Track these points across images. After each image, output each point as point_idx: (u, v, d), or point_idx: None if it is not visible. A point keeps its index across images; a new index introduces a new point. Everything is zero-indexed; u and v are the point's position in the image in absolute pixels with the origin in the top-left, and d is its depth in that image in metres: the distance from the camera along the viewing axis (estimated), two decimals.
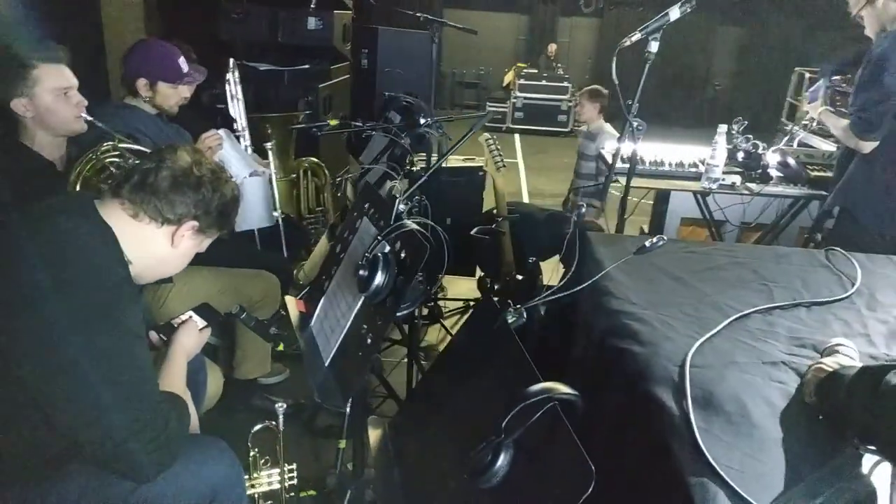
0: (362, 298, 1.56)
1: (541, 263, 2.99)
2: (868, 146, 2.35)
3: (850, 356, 1.12)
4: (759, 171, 3.09)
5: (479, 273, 3.71)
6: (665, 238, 1.26)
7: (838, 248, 1.75)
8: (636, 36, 2.07)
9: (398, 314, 1.50)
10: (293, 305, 1.89)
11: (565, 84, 11.55)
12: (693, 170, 3.12)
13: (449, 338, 3.39)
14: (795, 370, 1.13)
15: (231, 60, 2.88)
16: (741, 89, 13.42)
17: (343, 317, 1.63)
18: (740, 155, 3.23)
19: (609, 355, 1.23)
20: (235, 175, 2.19)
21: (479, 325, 1.34)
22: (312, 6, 3.62)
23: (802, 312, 1.40)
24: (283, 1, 3.89)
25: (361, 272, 1.49)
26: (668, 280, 1.51)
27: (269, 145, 2.96)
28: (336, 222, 3.36)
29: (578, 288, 1.28)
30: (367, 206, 1.77)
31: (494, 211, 3.15)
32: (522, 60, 12.83)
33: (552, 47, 12.19)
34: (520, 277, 3.10)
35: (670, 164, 3.17)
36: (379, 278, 1.47)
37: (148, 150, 2.15)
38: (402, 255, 1.52)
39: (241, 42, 3.87)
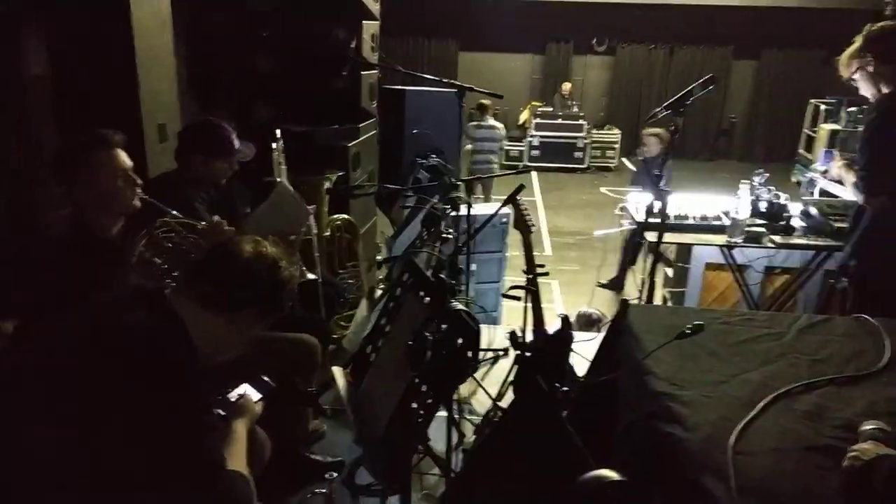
0: (411, 375, 1.65)
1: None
2: (873, 204, 2.43)
3: (884, 439, 1.18)
4: (783, 222, 3.17)
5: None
6: (703, 323, 1.34)
7: (865, 315, 1.82)
8: (658, 110, 2.18)
9: (446, 393, 1.58)
10: (340, 375, 1.99)
11: (580, 122, 11.75)
12: (717, 223, 3.21)
13: (479, 390, 3.45)
14: (833, 455, 1.19)
15: (277, 132, 3.04)
16: (757, 122, 13.52)
17: (392, 392, 1.71)
18: (763, 205, 3.32)
19: (656, 439, 1.30)
20: None
21: (526, 407, 1.43)
22: (344, 73, 3.79)
23: (838, 388, 1.46)
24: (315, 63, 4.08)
25: (412, 351, 1.58)
26: (706, 356, 1.59)
27: (311, 208, 3.09)
28: (373, 285, 3.47)
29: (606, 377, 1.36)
30: (411, 281, 1.87)
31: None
32: (537, 99, 13.06)
33: (566, 86, 12.42)
34: (550, 332, 3.16)
35: (694, 218, 3.26)
36: (429, 357, 1.56)
37: (201, 224, 2.29)
38: (450, 334, 1.61)
39: (273, 106, 4.05)
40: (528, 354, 3.16)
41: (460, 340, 1.52)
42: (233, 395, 1.82)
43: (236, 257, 1.52)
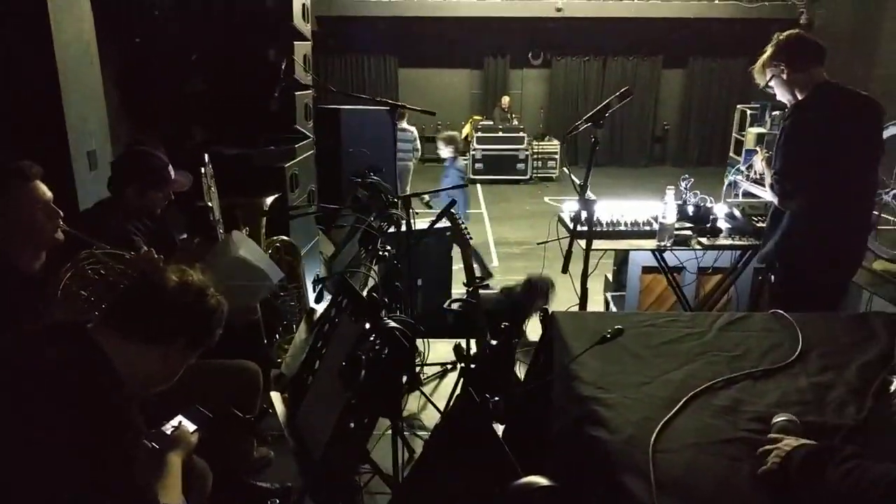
0: (347, 396, 1.65)
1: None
2: (789, 206, 2.56)
3: (794, 432, 1.25)
4: (709, 224, 3.31)
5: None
6: (622, 328, 1.40)
7: (781, 311, 1.92)
8: (582, 126, 2.26)
9: (390, 410, 1.59)
10: (278, 400, 1.97)
11: (521, 134, 11.96)
12: (648, 228, 3.32)
13: (429, 405, 3.46)
14: (749, 446, 1.25)
15: (206, 156, 3.00)
16: (689, 128, 14.04)
17: (329, 414, 1.71)
18: (690, 209, 3.45)
19: (583, 443, 1.34)
20: None
21: (460, 419, 1.45)
22: (276, 94, 3.78)
23: (752, 383, 1.53)
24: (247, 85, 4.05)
25: (345, 372, 1.58)
26: (631, 359, 1.64)
27: (244, 231, 3.05)
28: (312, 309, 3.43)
29: (536, 383, 1.39)
30: (344, 302, 1.88)
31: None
32: (478, 113, 13.25)
33: (505, 100, 12.64)
34: (494, 342, 3.20)
35: (626, 224, 3.36)
36: (363, 377, 1.56)
37: (127, 255, 2.23)
38: (385, 353, 1.62)
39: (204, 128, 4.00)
40: (472, 366, 3.19)
41: (395, 358, 1.53)
42: (168, 427, 1.78)
43: (160, 287, 1.50)
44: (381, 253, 2.58)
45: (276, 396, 1.94)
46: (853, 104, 2.59)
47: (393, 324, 1.62)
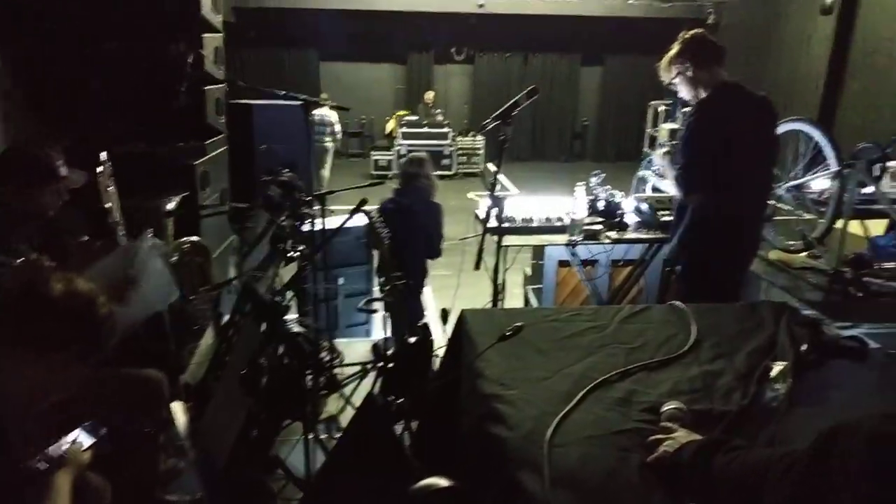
0: (250, 402, 1.60)
1: None
2: (692, 200, 2.68)
3: (682, 420, 1.31)
4: (618, 219, 3.41)
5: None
6: (522, 324, 1.41)
7: (678, 302, 2.00)
8: (491, 125, 2.28)
9: (288, 416, 1.55)
10: (180, 410, 1.89)
11: (445, 129, 12.00)
12: (560, 223, 3.39)
13: (349, 408, 3.42)
14: (640, 437, 1.30)
15: (103, 154, 2.83)
16: (606, 124, 14.49)
17: (232, 421, 1.66)
18: (601, 205, 3.55)
19: (484, 441, 1.35)
20: None
21: (364, 424, 1.43)
22: (182, 89, 3.62)
23: (648, 373, 1.59)
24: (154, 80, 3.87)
25: (246, 379, 1.54)
26: (534, 354, 1.67)
27: (149, 234, 2.91)
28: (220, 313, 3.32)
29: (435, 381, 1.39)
30: (249, 307, 1.82)
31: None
32: (402, 108, 13.20)
33: (429, 95, 12.64)
34: (412, 340, 3.20)
35: (539, 220, 3.42)
36: (265, 383, 1.52)
37: (17, 261, 2.09)
38: (287, 358, 1.58)
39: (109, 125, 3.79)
40: (390, 365, 3.18)
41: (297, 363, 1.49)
42: (63, 444, 1.68)
43: (45, 296, 1.41)
44: (290, 254, 2.52)
45: (177, 406, 1.86)
46: (751, 103, 2.73)
47: (295, 328, 1.58)
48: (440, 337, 2.71)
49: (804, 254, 3.33)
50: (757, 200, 2.84)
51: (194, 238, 3.59)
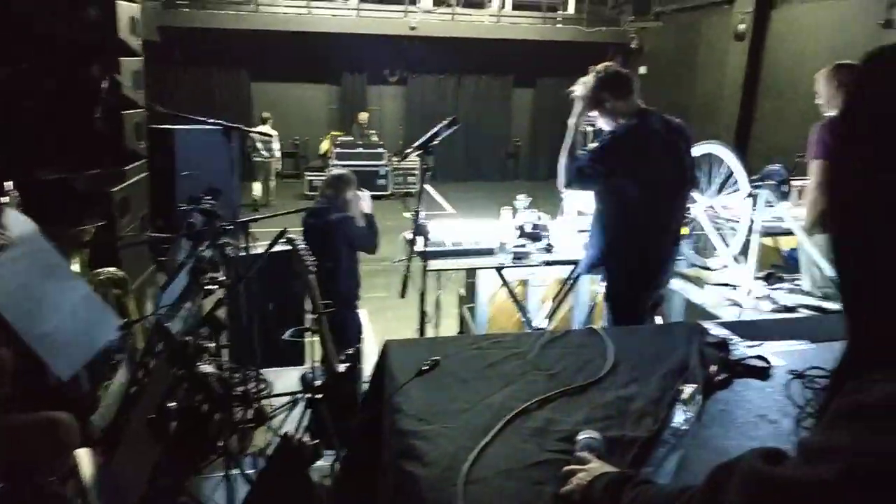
0: (162, 448, 1.53)
1: None
2: (561, 190, 2.83)
3: (596, 449, 1.33)
4: (545, 240, 3.49)
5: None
6: (439, 358, 1.41)
7: (596, 326, 2.04)
8: (410, 150, 2.29)
9: (202, 463, 1.49)
10: (86, 456, 1.78)
11: (380, 150, 12.01)
12: (489, 246, 3.43)
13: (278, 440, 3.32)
14: (554, 468, 1.31)
15: (8, 183, 2.68)
16: (538, 144, 14.82)
17: (141, 470, 1.58)
18: (528, 227, 3.62)
19: (401, 480, 1.33)
20: None
21: (280, 466, 1.39)
22: (97, 115, 3.48)
23: (565, 400, 1.61)
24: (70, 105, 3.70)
25: (155, 424, 1.47)
26: (455, 385, 1.67)
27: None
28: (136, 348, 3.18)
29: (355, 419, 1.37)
30: (160, 347, 1.75)
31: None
32: (337, 129, 13.13)
33: (363, 115, 12.64)
34: (341, 369, 3.15)
35: (469, 243, 3.46)
36: (173, 429, 1.46)
37: None
38: (199, 400, 1.52)
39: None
40: (318, 396, 3.11)
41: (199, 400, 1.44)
42: None
43: None
44: (210, 286, 2.44)
45: (82, 452, 1.76)
46: (666, 129, 2.86)
47: (207, 369, 1.53)
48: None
49: (719, 270, 3.48)
50: (672, 220, 2.95)
51: (112, 269, 3.44)
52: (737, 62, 9.79)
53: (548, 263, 3.44)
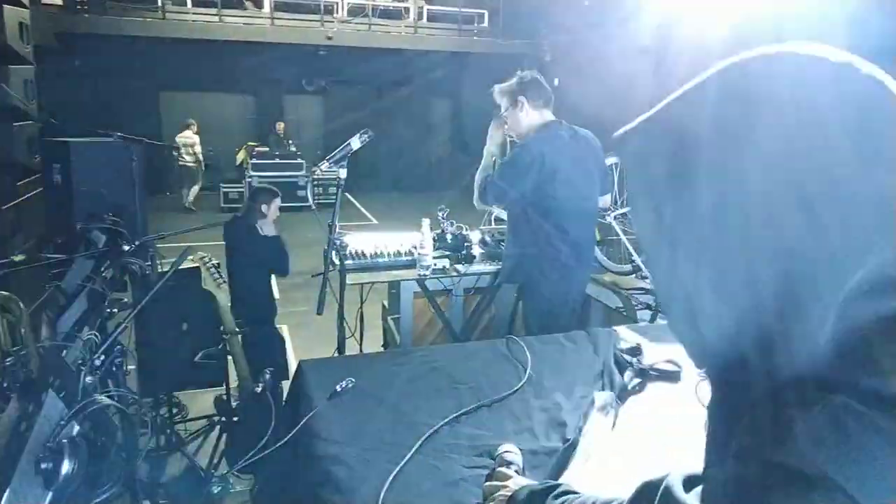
0: (51, 494, 1.40)
1: None
2: (477, 205, 2.99)
3: (515, 462, 1.32)
4: (464, 251, 3.49)
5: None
6: (353, 380, 1.37)
7: (514, 336, 2.06)
8: (324, 164, 2.24)
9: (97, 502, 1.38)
10: None
11: (299, 161, 11.78)
12: (409, 258, 3.40)
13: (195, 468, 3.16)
14: (473, 485, 1.29)
15: None
16: (459, 154, 14.96)
17: None
18: (448, 237, 3.61)
19: None
20: None
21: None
22: None
23: (484, 413, 1.60)
24: None
25: (45, 465, 1.35)
26: (373, 404, 1.63)
27: None
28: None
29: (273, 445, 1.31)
30: (50, 376, 1.61)
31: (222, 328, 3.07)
32: (253, 139, 12.78)
33: (280, 125, 12.38)
34: (258, 390, 3.03)
35: (389, 255, 3.41)
36: (66, 468, 1.34)
37: None
38: (94, 434, 1.41)
39: None
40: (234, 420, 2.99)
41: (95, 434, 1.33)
42: None
43: None
44: (112, 309, 2.29)
45: None
46: (576, 139, 2.94)
47: (106, 400, 1.42)
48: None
49: (633, 276, 3.60)
50: (584, 229, 3.03)
51: (3, 293, 3.18)
52: (644, 74, 10.23)
53: (469, 273, 3.44)
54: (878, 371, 0.45)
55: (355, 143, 2.26)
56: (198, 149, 11.45)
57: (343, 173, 2.28)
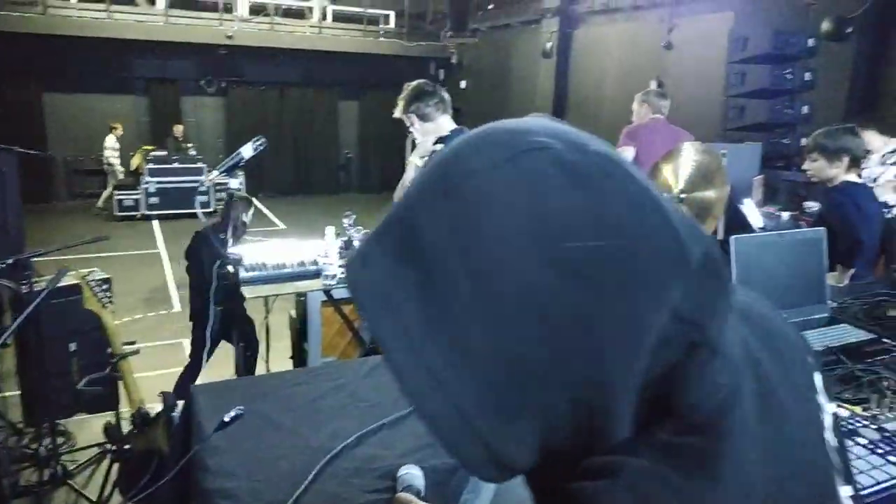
0: None
1: None
2: None
3: (415, 485, 1.29)
4: None
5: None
6: (242, 409, 1.29)
7: None
8: (214, 174, 2.13)
9: None
10: None
11: (199, 165, 11.28)
12: (314, 267, 3.30)
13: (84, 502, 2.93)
14: None
15: None
16: (369, 156, 14.85)
17: None
18: (355, 244, 3.54)
19: None
20: None
21: None
22: None
23: (386, 433, 1.56)
24: None
25: None
26: (270, 429, 1.55)
27: None
28: None
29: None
30: None
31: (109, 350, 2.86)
32: (148, 143, 12.12)
33: (178, 128, 11.82)
34: (152, 414, 2.85)
35: (293, 265, 3.30)
36: None
37: None
38: None
39: None
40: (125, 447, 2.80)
41: None
42: None
43: None
44: None
45: None
46: None
47: None
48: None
49: None
50: None
51: None
52: (546, 78, 10.53)
53: None
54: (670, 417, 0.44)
55: (247, 151, 2.16)
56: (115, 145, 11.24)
57: (235, 183, 2.17)
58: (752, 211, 4.62)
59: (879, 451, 1.38)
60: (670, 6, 8.52)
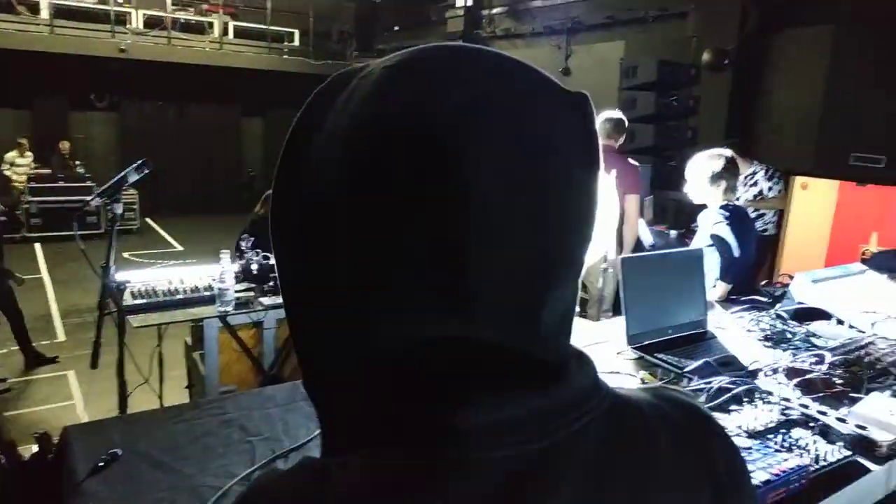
0: None
1: None
2: None
3: None
4: (271, 283, 3.34)
5: None
6: (119, 451, 1.21)
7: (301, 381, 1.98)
8: (96, 201, 2.01)
9: None
10: None
11: (88, 184, 10.61)
12: (209, 292, 3.17)
13: None
14: None
15: None
16: (272, 174, 14.48)
17: None
18: (254, 268, 3.42)
19: None
20: None
21: None
22: None
23: (280, 466, 1.51)
24: None
25: None
26: (150, 470, 1.46)
27: None
28: None
29: None
30: None
31: None
32: (34, 160, 11.29)
33: (65, 144, 11.08)
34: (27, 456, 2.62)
35: (185, 291, 3.15)
36: None
37: None
38: None
39: None
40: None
41: None
42: None
43: None
44: None
45: None
46: None
47: None
48: None
49: None
50: None
51: None
52: None
53: (276, 306, 3.29)
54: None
55: (131, 175, 2.06)
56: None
57: (119, 208, 2.06)
58: (643, 230, 4.89)
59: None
60: (567, 34, 8.93)
